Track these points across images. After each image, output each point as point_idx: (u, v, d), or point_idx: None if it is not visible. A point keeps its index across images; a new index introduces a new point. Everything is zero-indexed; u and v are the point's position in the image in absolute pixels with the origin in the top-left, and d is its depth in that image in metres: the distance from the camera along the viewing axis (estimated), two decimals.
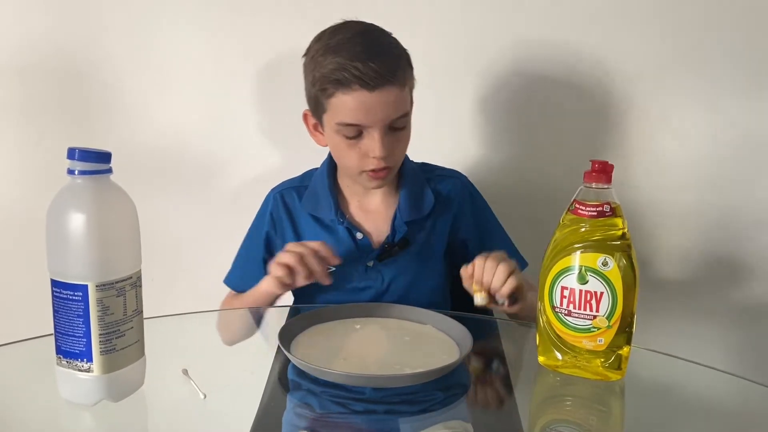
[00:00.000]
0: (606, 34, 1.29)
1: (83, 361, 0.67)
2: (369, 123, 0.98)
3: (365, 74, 0.94)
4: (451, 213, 1.12)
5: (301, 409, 0.76)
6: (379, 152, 0.98)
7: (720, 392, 0.85)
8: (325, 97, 0.99)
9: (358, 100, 0.96)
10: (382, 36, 1.01)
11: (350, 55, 0.95)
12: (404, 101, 1.00)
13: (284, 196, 1.13)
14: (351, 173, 1.06)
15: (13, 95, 1.39)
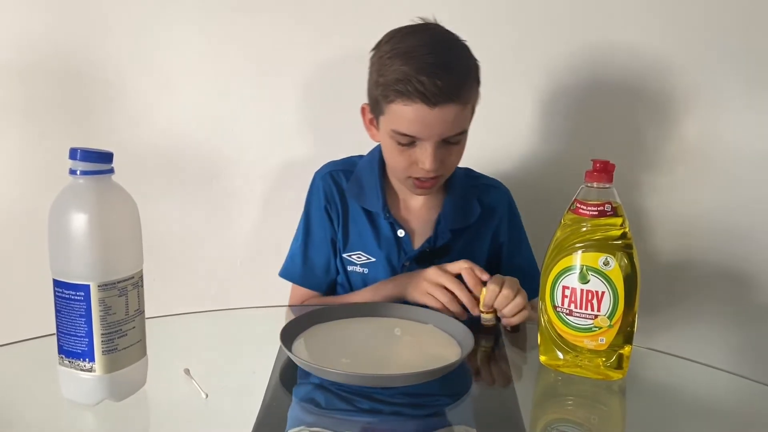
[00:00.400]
0: (608, 32, 1.29)
1: (85, 360, 0.67)
2: (424, 137, 0.97)
3: (429, 90, 0.92)
4: (494, 223, 1.13)
5: (307, 405, 0.76)
6: (429, 165, 0.98)
7: (721, 391, 0.85)
8: (385, 101, 0.98)
9: (418, 114, 0.95)
10: (454, 48, 0.99)
11: (418, 66, 0.93)
12: (464, 119, 0.99)
13: (334, 177, 1.13)
14: (397, 176, 1.06)
15: (15, 95, 1.39)
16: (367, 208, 1.10)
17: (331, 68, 1.33)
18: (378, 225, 1.10)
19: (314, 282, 1.14)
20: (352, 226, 1.11)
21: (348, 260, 1.11)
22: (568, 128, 1.35)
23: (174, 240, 1.41)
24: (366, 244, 1.10)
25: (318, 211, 1.13)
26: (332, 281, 1.15)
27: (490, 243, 1.13)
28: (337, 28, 1.32)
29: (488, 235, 1.13)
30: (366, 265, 1.09)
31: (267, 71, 1.36)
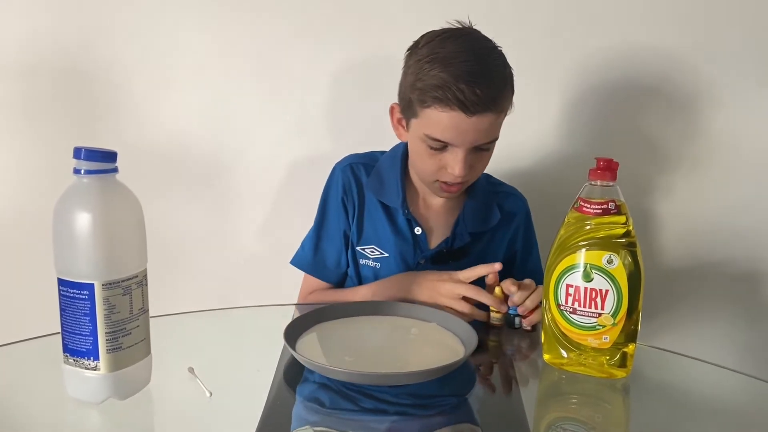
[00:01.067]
0: (614, 32, 1.29)
1: (90, 359, 0.68)
2: (457, 143, 0.97)
3: (468, 99, 0.92)
4: (511, 230, 1.14)
5: (311, 404, 0.76)
6: (459, 171, 0.98)
7: (726, 390, 0.85)
8: (420, 105, 0.97)
9: (454, 122, 0.95)
10: (492, 56, 0.98)
11: (457, 73, 0.93)
12: (497, 127, 0.99)
13: (354, 169, 1.13)
14: (424, 179, 1.06)
15: (19, 94, 1.39)
16: (386, 202, 1.10)
17: (334, 68, 1.33)
18: (395, 220, 1.10)
19: (324, 273, 1.15)
20: (367, 220, 1.11)
21: (361, 253, 1.11)
22: (572, 127, 1.34)
23: (178, 239, 1.41)
24: (381, 238, 1.10)
25: (335, 202, 1.13)
26: (343, 273, 1.15)
27: (506, 249, 1.14)
28: (340, 27, 1.32)
29: (505, 241, 1.14)
30: (378, 260, 1.09)
31: (270, 71, 1.36)
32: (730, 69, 1.28)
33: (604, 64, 1.30)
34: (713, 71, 1.28)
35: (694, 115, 1.31)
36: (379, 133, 1.19)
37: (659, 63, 1.29)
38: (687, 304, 1.38)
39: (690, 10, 1.27)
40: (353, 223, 1.12)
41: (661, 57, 1.29)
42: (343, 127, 1.26)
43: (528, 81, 1.32)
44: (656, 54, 1.29)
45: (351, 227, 1.12)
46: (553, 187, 1.34)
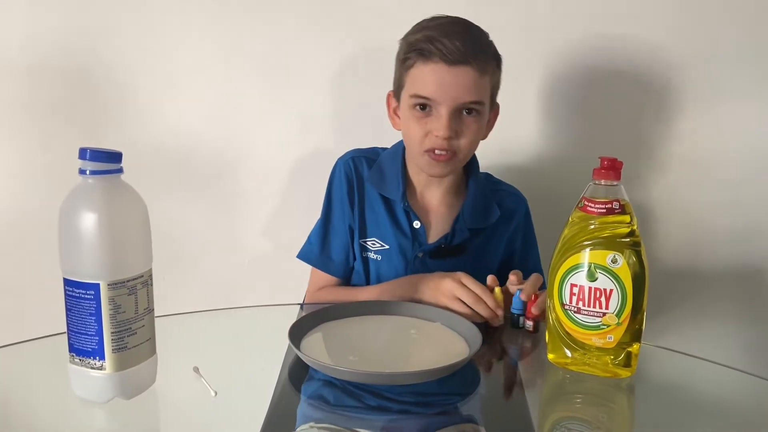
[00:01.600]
0: (615, 30, 1.29)
1: (96, 359, 0.68)
2: (440, 99, 1.00)
3: (447, 48, 0.97)
4: (511, 228, 1.15)
5: (315, 401, 0.76)
6: (443, 131, 1.00)
7: (730, 389, 0.85)
8: (406, 69, 1.03)
9: (435, 73, 0.99)
10: (477, 28, 1.04)
11: (441, 31, 0.99)
12: (480, 88, 1.01)
13: (356, 162, 1.14)
14: (414, 152, 1.07)
15: (25, 95, 1.40)
16: (386, 195, 1.11)
17: (338, 67, 1.34)
18: (395, 213, 1.11)
19: (331, 266, 1.15)
20: (368, 213, 1.12)
21: (364, 246, 1.12)
22: (574, 127, 1.34)
23: (183, 239, 1.42)
24: (381, 231, 1.11)
25: (339, 195, 1.14)
26: (350, 267, 1.16)
27: (504, 247, 1.15)
28: (342, 27, 1.32)
29: (504, 239, 1.14)
30: (380, 252, 1.10)
31: (275, 70, 1.36)
32: (732, 67, 1.27)
33: (603, 63, 1.30)
34: (714, 70, 1.28)
35: (697, 114, 1.30)
36: (382, 132, 1.20)
37: (659, 62, 1.29)
38: (692, 304, 1.37)
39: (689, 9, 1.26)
40: (356, 217, 1.12)
41: (662, 56, 1.29)
42: (348, 126, 1.26)
43: (530, 79, 1.33)
44: (656, 53, 1.29)
45: (355, 221, 1.12)
46: (554, 186, 1.34)
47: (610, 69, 1.30)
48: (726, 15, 1.26)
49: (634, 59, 1.29)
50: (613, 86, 1.31)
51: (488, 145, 1.36)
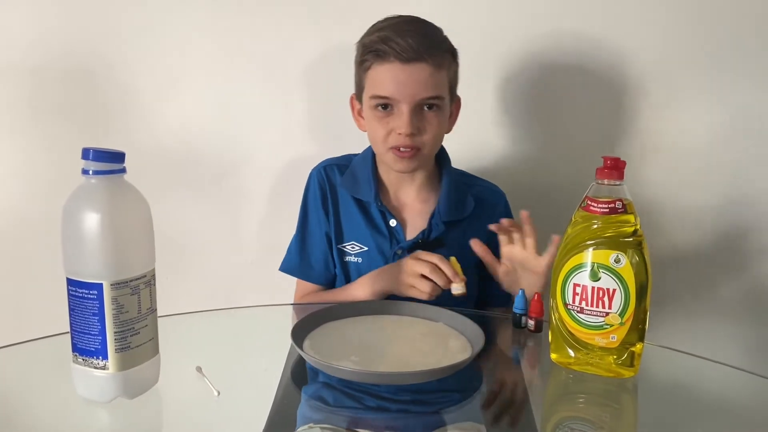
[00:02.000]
0: (618, 28, 1.29)
1: (99, 358, 0.68)
2: (399, 97, 1.02)
3: (401, 47, 1.00)
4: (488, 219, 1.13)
5: (315, 402, 0.76)
6: (405, 129, 1.02)
7: (734, 389, 0.85)
8: (364, 70, 1.05)
9: (392, 72, 1.01)
10: (430, 25, 1.06)
11: (394, 31, 1.01)
12: (438, 83, 1.03)
13: (327, 171, 1.17)
14: (379, 151, 1.09)
15: (27, 95, 1.40)
16: (360, 197, 1.13)
17: (339, 68, 1.33)
18: (370, 214, 1.12)
19: (312, 275, 1.17)
20: (344, 218, 1.14)
21: (343, 251, 1.13)
22: (579, 125, 1.34)
23: (186, 239, 1.42)
24: (359, 233, 1.12)
25: (314, 205, 1.16)
26: (331, 274, 1.17)
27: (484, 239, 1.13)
28: (344, 27, 1.32)
29: (483, 231, 1.12)
30: (360, 255, 1.12)
31: (276, 71, 1.36)
32: (732, 65, 1.27)
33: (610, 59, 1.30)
34: (715, 69, 1.28)
35: (701, 114, 1.30)
36: None
37: (659, 61, 1.29)
38: (695, 303, 1.37)
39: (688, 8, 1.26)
40: (332, 224, 1.14)
41: (664, 52, 1.29)
42: (351, 127, 1.26)
43: (536, 76, 1.33)
44: (661, 49, 1.29)
45: (331, 228, 1.14)
46: (559, 185, 1.34)
47: (610, 71, 1.30)
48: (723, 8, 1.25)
49: (635, 61, 1.29)
50: (616, 85, 1.31)
51: (492, 143, 1.37)
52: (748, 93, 1.28)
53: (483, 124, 1.36)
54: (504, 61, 1.32)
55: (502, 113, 1.36)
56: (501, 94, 1.34)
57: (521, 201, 1.32)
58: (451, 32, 1.09)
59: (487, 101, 1.34)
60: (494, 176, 1.24)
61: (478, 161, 1.35)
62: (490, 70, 1.33)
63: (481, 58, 1.30)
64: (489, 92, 1.34)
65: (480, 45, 1.29)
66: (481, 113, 1.34)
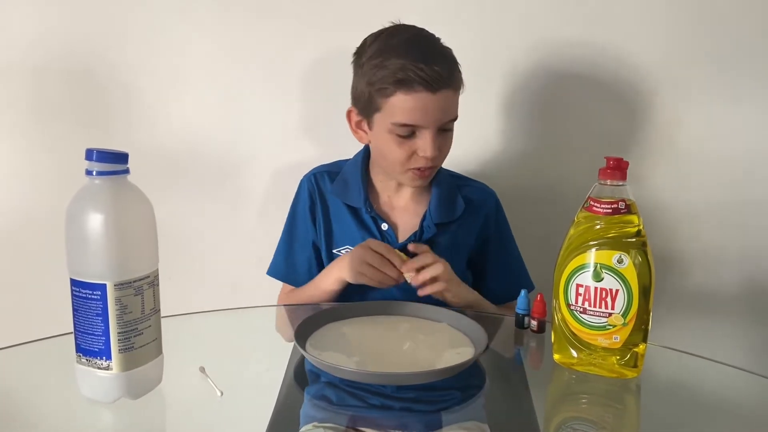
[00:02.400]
0: (622, 31, 1.29)
1: (102, 359, 0.68)
2: (425, 124, 1.01)
3: (430, 76, 0.97)
4: (479, 219, 1.15)
5: (319, 401, 0.76)
6: (431, 152, 1.02)
7: (737, 390, 0.84)
8: (383, 96, 1.01)
9: (420, 102, 0.99)
10: (436, 41, 1.04)
11: (414, 57, 0.98)
12: (456, 105, 1.05)
13: (317, 178, 1.17)
14: (395, 170, 1.08)
15: (31, 96, 1.40)
16: (350, 204, 1.13)
17: (342, 69, 1.34)
18: (362, 219, 1.12)
19: (297, 279, 1.17)
20: (335, 223, 1.14)
21: (336, 255, 1.13)
22: (582, 126, 1.34)
23: (189, 239, 1.42)
24: (351, 237, 1.12)
25: (303, 212, 1.17)
26: None
27: (475, 239, 1.16)
28: (347, 29, 1.32)
29: (473, 232, 1.15)
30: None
31: (279, 72, 1.36)
32: (736, 65, 1.27)
33: (613, 60, 1.30)
34: (719, 68, 1.27)
35: (705, 114, 1.30)
36: None
37: (660, 62, 1.29)
38: (698, 304, 1.37)
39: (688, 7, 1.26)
40: (321, 230, 1.14)
41: (665, 53, 1.28)
42: None
43: (539, 78, 1.33)
44: (661, 49, 1.29)
45: (320, 235, 1.15)
46: (561, 186, 1.34)
47: (615, 69, 1.30)
48: (729, 12, 1.25)
49: (638, 59, 1.29)
50: (619, 86, 1.31)
51: (495, 144, 1.37)
52: (750, 93, 1.27)
53: (484, 126, 1.36)
54: (504, 63, 1.32)
55: (504, 115, 1.36)
56: (503, 95, 1.34)
57: (524, 202, 1.32)
58: (453, 37, 1.09)
59: (490, 103, 1.34)
60: (494, 177, 1.25)
61: (480, 162, 1.35)
62: (491, 72, 1.33)
63: (482, 60, 1.30)
64: (491, 94, 1.34)
65: (482, 48, 1.30)
66: (483, 116, 1.35)
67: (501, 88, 1.34)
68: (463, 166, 1.30)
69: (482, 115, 1.34)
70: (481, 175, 1.25)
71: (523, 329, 0.94)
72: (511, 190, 1.27)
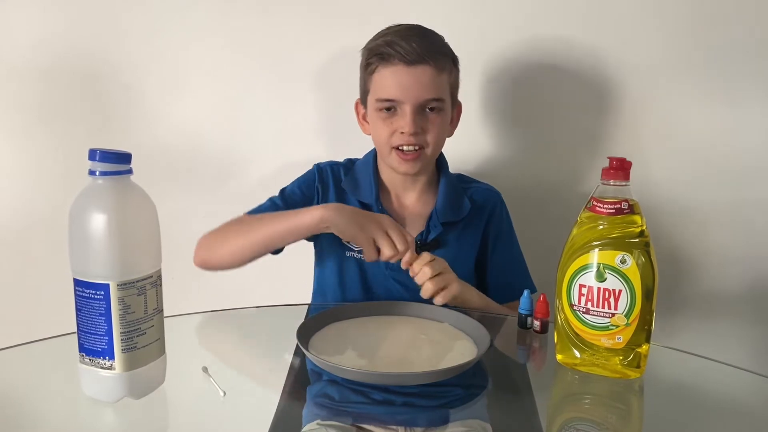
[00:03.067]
0: (620, 30, 1.29)
1: (105, 359, 0.68)
2: (403, 98, 1.05)
3: (405, 50, 1.03)
4: (484, 219, 1.17)
5: (321, 400, 0.76)
6: (408, 128, 1.05)
7: (741, 391, 0.84)
8: (369, 74, 1.08)
9: (396, 76, 1.05)
10: (433, 32, 1.09)
11: (398, 36, 1.05)
12: (439, 86, 1.06)
13: (334, 168, 1.19)
14: (383, 152, 1.11)
15: (34, 97, 1.41)
16: (361, 199, 1.14)
17: (345, 70, 1.34)
18: None
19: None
20: None
21: (348, 246, 1.13)
22: (584, 127, 1.34)
23: (192, 239, 1.42)
24: None
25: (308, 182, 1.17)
26: None
27: (480, 238, 1.17)
28: (351, 30, 1.32)
29: (479, 232, 1.17)
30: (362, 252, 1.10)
31: (282, 72, 1.37)
32: (736, 65, 1.27)
33: (615, 60, 1.30)
34: (721, 70, 1.27)
35: (709, 114, 1.30)
36: None
37: (661, 63, 1.28)
38: (702, 304, 1.36)
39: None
40: None
41: (666, 54, 1.28)
42: (356, 130, 1.26)
43: (539, 79, 1.33)
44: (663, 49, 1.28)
45: None
46: (564, 186, 1.34)
47: (616, 70, 1.30)
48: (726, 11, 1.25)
49: (640, 59, 1.29)
50: (620, 86, 1.31)
51: (497, 145, 1.37)
52: (752, 93, 1.27)
53: (485, 128, 1.36)
54: (505, 66, 1.32)
55: (505, 116, 1.36)
56: (503, 96, 1.34)
57: (526, 203, 1.32)
58: (449, 38, 1.10)
59: (490, 105, 1.34)
60: (497, 178, 1.25)
61: (482, 164, 1.35)
62: (492, 74, 1.33)
63: (483, 63, 1.30)
64: (491, 95, 1.34)
65: (481, 50, 1.30)
66: (484, 117, 1.35)
67: (495, 88, 1.34)
68: (465, 168, 1.30)
69: (483, 117, 1.34)
70: (483, 176, 1.25)
71: (525, 329, 0.94)
72: (513, 191, 1.27)
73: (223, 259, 1.09)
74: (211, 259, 1.10)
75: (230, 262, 1.09)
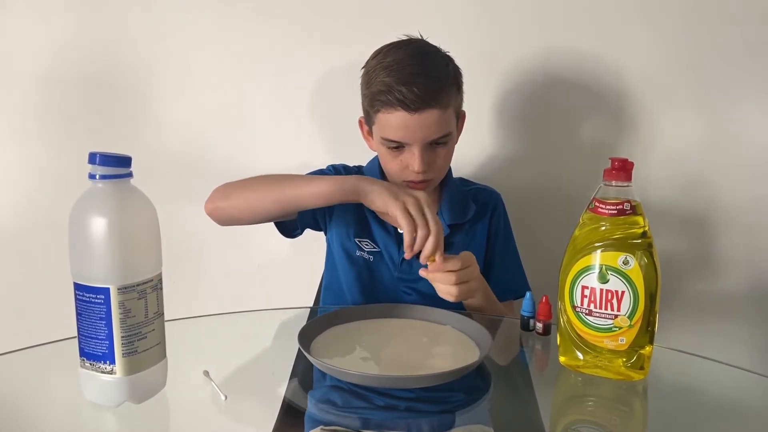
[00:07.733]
0: (619, 36, 1.29)
1: (106, 363, 0.68)
2: (409, 141, 1.04)
3: (407, 98, 0.99)
4: (487, 221, 1.18)
5: (324, 405, 0.76)
6: (417, 167, 1.04)
7: (745, 392, 0.84)
8: (373, 112, 1.06)
9: (401, 121, 1.02)
10: (433, 58, 1.05)
11: (398, 77, 1.00)
12: (446, 122, 1.04)
13: (346, 169, 1.19)
14: (393, 180, 1.11)
15: (34, 101, 1.41)
16: None
17: (346, 74, 1.34)
18: (379, 219, 1.13)
19: None
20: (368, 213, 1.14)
21: (357, 245, 1.14)
22: (585, 128, 1.34)
23: (193, 243, 1.42)
24: (373, 234, 1.14)
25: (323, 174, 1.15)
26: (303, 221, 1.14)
27: (486, 239, 1.17)
28: (351, 36, 1.33)
29: (484, 232, 1.17)
30: (372, 253, 1.13)
31: (284, 77, 1.37)
32: (737, 64, 1.26)
33: (615, 63, 1.30)
34: (721, 71, 1.27)
35: (710, 115, 1.29)
36: None
37: (662, 65, 1.28)
38: (705, 305, 1.36)
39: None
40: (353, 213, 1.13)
41: (671, 52, 1.28)
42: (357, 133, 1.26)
43: (540, 82, 1.32)
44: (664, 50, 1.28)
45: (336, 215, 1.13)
46: (565, 188, 1.34)
47: (616, 71, 1.30)
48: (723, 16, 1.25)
49: (640, 60, 1.29)
50: (621, 88, 1.31)
51: (498, 147, 1.36)
52: (754, 93, 1.27)
53: (488, 129, 1.36)
54: (506, 68, 1.32)
55: (506, 117, 1.35)
56: (505, 97, 1.34)
57: (526, 204, 1.32)
58: (451, 44, 1.09)
59: (492, 106, 1.34)
60: (498, 180, 1.25)
61: (483, 166, 1.35)
62: (493, 78, 1.33)
63: (483, 64, 1.30)
64: (493, 96, 1.34)
65: (482, 52, 1.30)
66: (485, 118, 1.34)
67: (496, 90, 1.34)
68: (466, 170, 1.30)
69: (479, 118, 1.34)
70: (486, 178, 1.25)
71: (528, 331, 0.94)
72: (516, 192, 1.27)
73: (237, 208, 1.05)
74: (225, 206, 1.06)
75: (243, 214, 1.06)
